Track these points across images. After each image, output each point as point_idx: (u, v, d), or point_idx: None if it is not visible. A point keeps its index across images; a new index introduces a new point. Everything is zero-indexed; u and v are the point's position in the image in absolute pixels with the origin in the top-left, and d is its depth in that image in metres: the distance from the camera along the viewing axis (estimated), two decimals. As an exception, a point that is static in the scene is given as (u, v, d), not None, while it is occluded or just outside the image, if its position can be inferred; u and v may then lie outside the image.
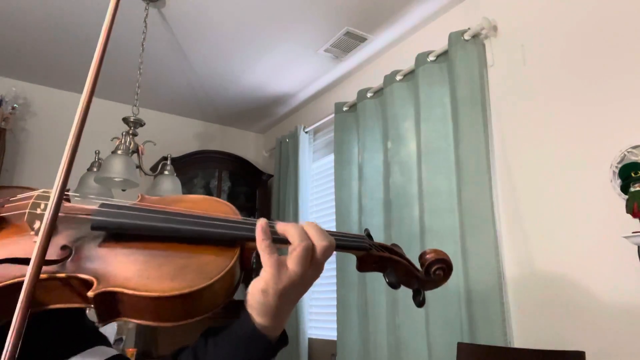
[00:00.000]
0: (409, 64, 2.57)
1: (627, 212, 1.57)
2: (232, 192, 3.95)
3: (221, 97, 3.70)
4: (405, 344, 2.21)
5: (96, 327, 0.70)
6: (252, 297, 0.54)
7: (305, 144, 3.50)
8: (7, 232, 0.57)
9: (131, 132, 2.39)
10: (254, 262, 0.56)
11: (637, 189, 1.55)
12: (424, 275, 0.65)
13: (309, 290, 0.58)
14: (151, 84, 3.43)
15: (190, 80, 3.42)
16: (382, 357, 2.37)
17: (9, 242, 0.55)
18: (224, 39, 2.89)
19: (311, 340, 3.18)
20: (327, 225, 3.04)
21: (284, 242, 0.56)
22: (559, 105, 1.95)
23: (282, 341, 0.57)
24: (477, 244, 2.03)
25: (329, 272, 3.00)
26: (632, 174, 1.59)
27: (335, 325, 2.77)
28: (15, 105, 3.22)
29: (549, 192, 1.93)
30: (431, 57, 2.43)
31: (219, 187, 3.86)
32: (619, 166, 1.68)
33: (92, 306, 0.51)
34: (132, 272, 0.52)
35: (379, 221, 2.56)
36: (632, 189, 1.57)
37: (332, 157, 3.19)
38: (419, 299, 0.64)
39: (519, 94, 2.12)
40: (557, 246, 1.87)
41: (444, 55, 2.40)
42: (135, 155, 2.41)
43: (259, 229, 0.55)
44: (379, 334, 2.41)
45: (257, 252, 0.56)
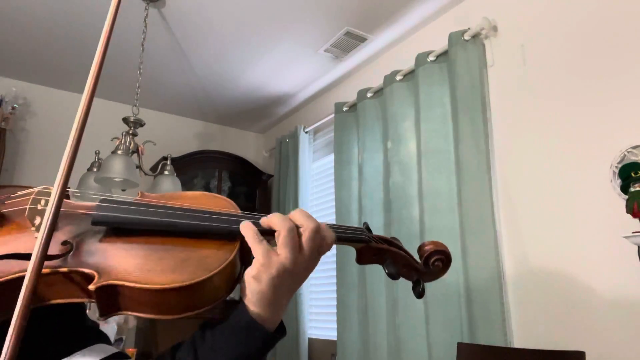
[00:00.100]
0: (409, 64, 2.57)
1: (627, 212, 1.57)
2: (232, 192, 3.95)
3: (221, 97, 3.70)
4: (405, 344, 2.20)
5: (97, 325, 0.70)
6: (246, 286, 0.55)
7: (305, 144, 3.50)
8: (8, 228, 0.57)
9: (131, 132, 2.39)
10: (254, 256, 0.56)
11: (637, 189, 1.56)
12: (422, 266, 0.66)
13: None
14: (151, 84, 3.43)
15: (190, 80, 3.42)
16: (382, 357, 2.37)
17: (10, 239, 0.56)
18: (224, 39, 2.89)
19: (311, 340, 3.18)
20: (327, 225, 3.03)
21: (271, 232, 0.57)
22: (558, 105, 1.96)
23: (280, 332, 0.58)
24: (477, 244, 2.03)
25: (329, 272, 3.00)
26: (632, 174, 1.59)
27: (335, 325, 2.77)
28: (15, 105, 3.22)
29: (549, 192, 1.93)
30: (431, 57, 2.43)
31: (219, 187, 3.86)
32: (619, 166, 1.68)
33: (93, 300, 0.51)
34: (133, 266, 0.53)
35: (379, 221, 2.56)
36: (632, 189, 1.57)
37: (332, 157, 3.19)
38: (419, 290, 0.65)
39: (519, 94, 2.12)
40: (557, 246, 1.87)
41: (444, 55, 2.40)
42: (135, 155, 2.42)
43: (242, 224, 0.56)
44: (379, 334, 2.41)
45: None
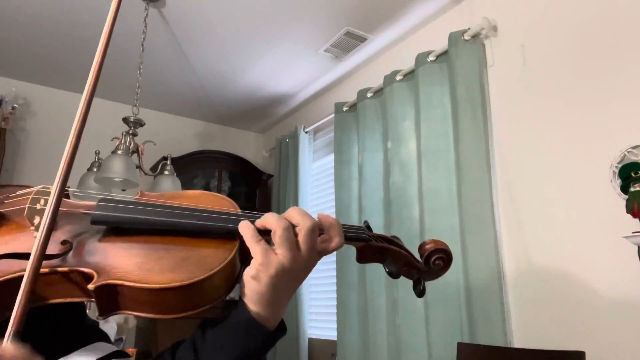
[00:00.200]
0: (409, 64, 2.57)
1: (627, 212, 1.57)
2: (232, 192, 3.95)
3: (221, 97, 3.70)
4: (405, 344, 2.20)
5: (96, 324, 0.70)
6: (245, 286, 0.55)
7: (305, 144, 3.50)
8: (7, 228, 0.57)
9: (131, 132, 2.39)
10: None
11: (637, 189, 1.55)
12: (423, 265, 0.66)
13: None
14: (151, 84, 3.43)
15: (190, 80, 3.42)
16: (382, 357, 2.37)
17: (9, 238, 0.56)
18: (224, 39, 2.89)
19: (311, 340, 3.18)
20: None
21: (269, 232, 0.56)
22: (558, 105, 1.95)
23: (280, 331, 0.57)
24: (477, 244, 2.03)
25: (329, 272, 3.00)
26: (632, 174, 1.59)
27: (335, 325, 2.77)
28: (15, 105, 3.22)
29: (548, 192, 1.93)
30: (431, 57, 2.43)
31: (219, 187, 3.86)
32: (619, 166, 1.68)
33: (93, 300, 0.51)
34: (133, 265, 0.53)
35: (379, 221, 2.56)
36: (632, 189, 1.57)
37: (332, 157, 3.18)
38: (419, 289, 0.65)
39: (519, 94, 2.12)
40: (557, 246, 1.87)
41: (444, 55, 2.40)
42: (135, 155, 2.41)
43: (241, 224, 0.56)
44: (379, 334, 2.40)
45: None
